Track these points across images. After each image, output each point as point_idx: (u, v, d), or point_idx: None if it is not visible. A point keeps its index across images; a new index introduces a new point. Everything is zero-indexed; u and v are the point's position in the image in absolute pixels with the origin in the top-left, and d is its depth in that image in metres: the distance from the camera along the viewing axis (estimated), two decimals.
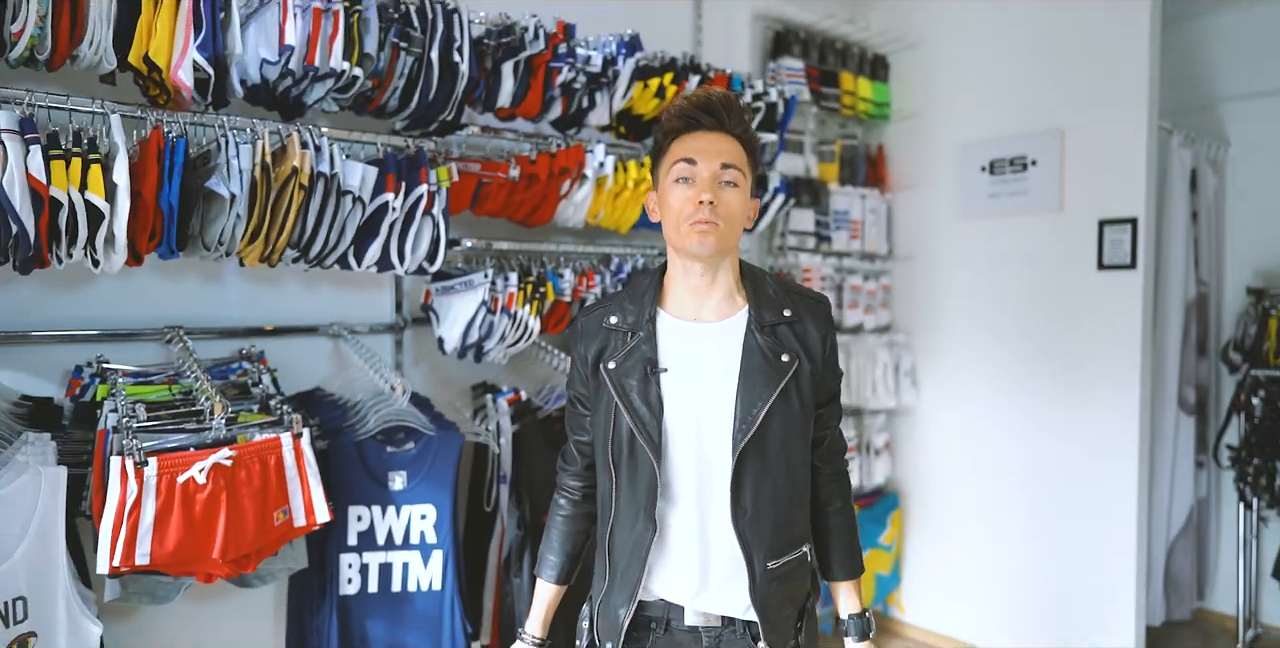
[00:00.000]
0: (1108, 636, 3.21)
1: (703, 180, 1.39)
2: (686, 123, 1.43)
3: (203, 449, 1.80)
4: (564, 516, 1.60)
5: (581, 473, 1.58)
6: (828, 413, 1.54)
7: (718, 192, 1.39)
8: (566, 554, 1.60)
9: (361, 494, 2.12)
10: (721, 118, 1.43)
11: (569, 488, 1.60)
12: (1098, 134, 3.21)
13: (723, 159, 1.40)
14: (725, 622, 1.46)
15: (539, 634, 1.60)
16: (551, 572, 1.60)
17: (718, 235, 1.39)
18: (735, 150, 1.43)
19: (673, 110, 1.45)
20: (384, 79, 2.06)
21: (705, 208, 1.38)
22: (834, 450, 1.57)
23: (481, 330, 2.29)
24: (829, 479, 1.57)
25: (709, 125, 1.43)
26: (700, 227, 1.38)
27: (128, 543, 1.69)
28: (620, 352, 1.45)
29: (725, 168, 1.40)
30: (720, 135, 1.43)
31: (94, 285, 2.07)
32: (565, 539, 1.60)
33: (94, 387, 1.96)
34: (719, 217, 1.38)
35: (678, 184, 1.41)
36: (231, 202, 1.78)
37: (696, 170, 1.40)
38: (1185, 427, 3.61)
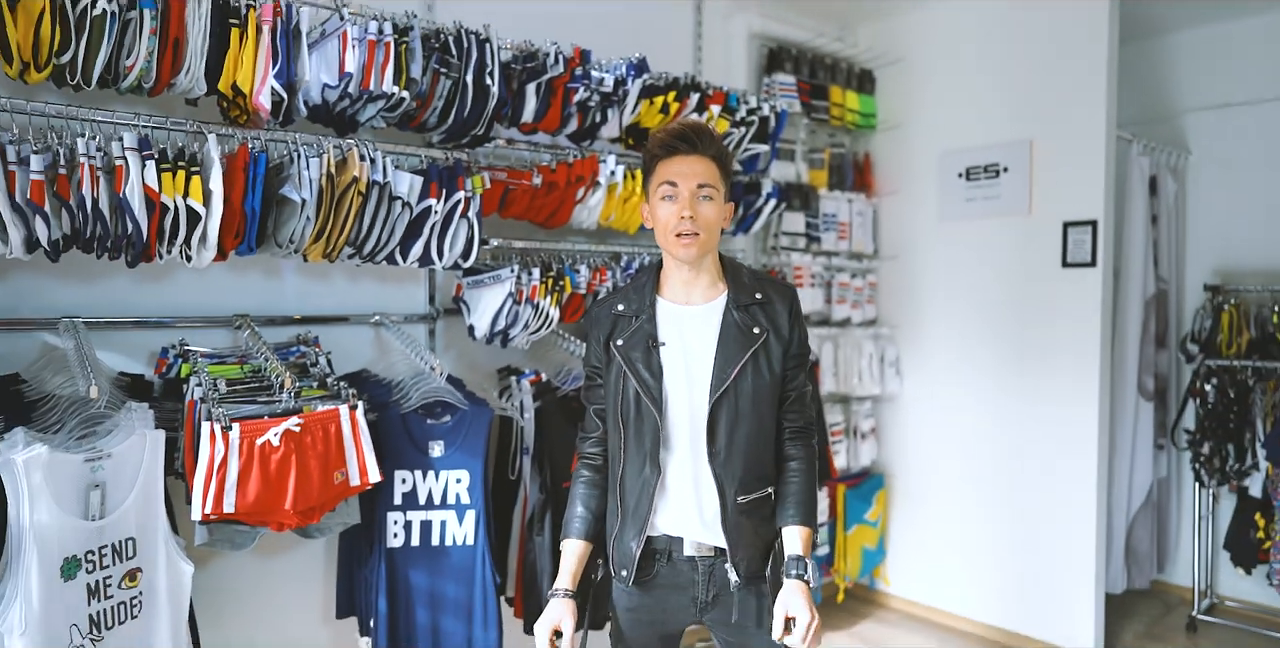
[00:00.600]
0: (1072, 601, 3.52)
1: (683, 198, 1.72)
2: (667, 150, 1.75)
3: (275, 417, 2.10)
4: (586, 480, 1.87)
5: (601, 439, 1.87)
6: (793, 376, 1.82)
7: (696, 206, 1.72)
8: (591, 512, 1.85)
9: (405, 460, 2.43)
10: (695, 143, 1.74)
11: (589, 455, 1.89)
12: (1062, 143, 3.53)
13: (698, 180, 1.72)
14: (717, 553, 1.77)
15: (570, 587, 1.80)
16: (579, 527, 1.83)
17: (699, 244, 1.72)
18: (709, 170, 1.74)
19: (656, 139, 1.78)
20: (426, 99, 2.38)
21: (686, 221, 1.71)
22: (799, 409, 1.84)
23: (508, 319, 2.61)
24: (792, 436, 1.83)
25: (685, 150, 1.74)
26: (684, 239, 1.71)
27: (217, 495, 2.00)
28: (627, 331, 1.77)
29: (701, 187, 1.72)
30: (696, 158, 1.74)
31: (174, 280, 2.39)
32: (589, 500, 1.86)
33: (178, 365, 2.27)
34: (699, 227, 1.71)
35: (664, 201, 1.74)
36: (302, 206, 2.10)
37: (678, 190, 1.73)
38: (1145, 412, 3.93)
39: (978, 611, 3.86)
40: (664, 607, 1.79)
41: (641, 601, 1.80)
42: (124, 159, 1.84)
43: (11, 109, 1.84)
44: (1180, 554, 4.24)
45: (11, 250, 1.81)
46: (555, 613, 1.77)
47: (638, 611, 1.80)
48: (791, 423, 1.84)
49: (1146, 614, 4.00)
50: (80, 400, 2.01)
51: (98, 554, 1.89)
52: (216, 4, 1.98)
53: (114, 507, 1.92)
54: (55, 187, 1.81)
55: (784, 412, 1.83)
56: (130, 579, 1.96)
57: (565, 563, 1.83)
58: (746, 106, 3.14)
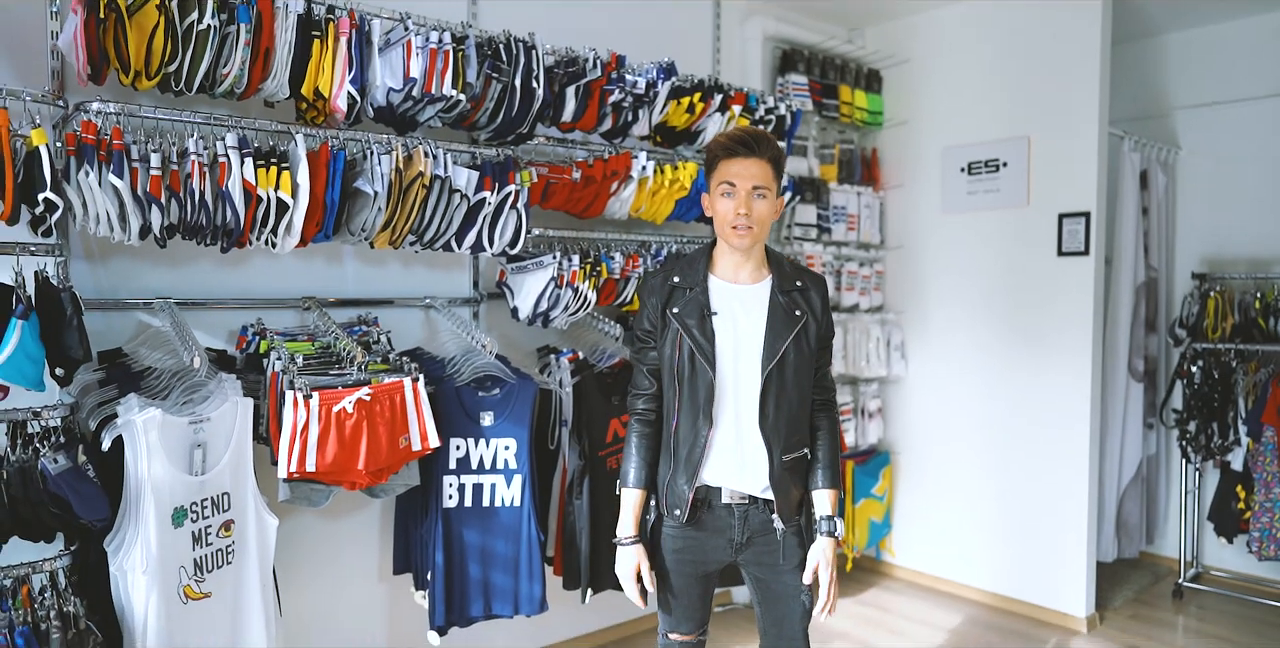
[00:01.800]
0: (1065, 568, 3.77)
1: (740, 197, 1.96)
2: (729, 152, 2.00)
3: (349, 387, 2.35)
4: (639, 434, 2.10)
5: (654, 395, 2.10)
6: (822, 359, 2.11)
7: (751, 204, 1.96)
8: (647, 464, 2.09)
9: (459, 428, 2.67)
10: (753, 148, 1.98)
11: (641, 411, 2.11)
12: (1057, 139, 3.77)
13: (754, 181, 1.97)
14: (750, 500, 2.02)
15: (636, 534, 2.06)
16: (636, 477, 2.07)
17: (752, 236, 1.98)
18: (763, 172, 1.98)
19: (721, 140, 2.02)
20: (479, 101, 2.62)
21: (742, 217, 1.96)
22: (825, 384, 2.14)
23: (550, 301, 2.85)
24: (820, 408, 2.12)
25: (745, 154, 1.98)
26: (740, 231, 1.97)
27: (300, 455, 2.24)
28: (682, 300, 2.02)
29: (755, 188, 1.97)
30: (753, 161, 1.98)
31: (249, 266, 2.63)
32: (646, 453, 2.09)
33: (256, 342, 2.51)
34: (752, 221, 1.96)
35: (723, 197, 1.99)
36: (375, 198, 2.35)
37: (736, 189, 1.97)
38: (1135, 392, 4.18)
39: (977, 579, 4.11)
40: (704, 547, 2.04)
41: (686, 543, 2.05)
42: (226, 157, 2.09)
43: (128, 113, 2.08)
44: (1168, 528, 4.49)
45: (129, 237, 2.06)
46: (633, 558, 2.04)
47: (682, 551, 2.05)
48: (819, 396, 2.11)
49: (1136, 582, 4.26)
50: (181, 371, 2.26)
51: (200, 506, 2.14)
52: (301, 18, 2.22)
53: (213, 464, 2.17)
54: (169, 181, 2.05)
55: (814, 386, 2.10)
56: (226, 529, 2.22)
57: (630, 512, 2.07)
58: (765, 106, 3.38)
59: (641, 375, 2.11)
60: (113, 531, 2.03)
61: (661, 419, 2.10)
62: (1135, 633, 3.72)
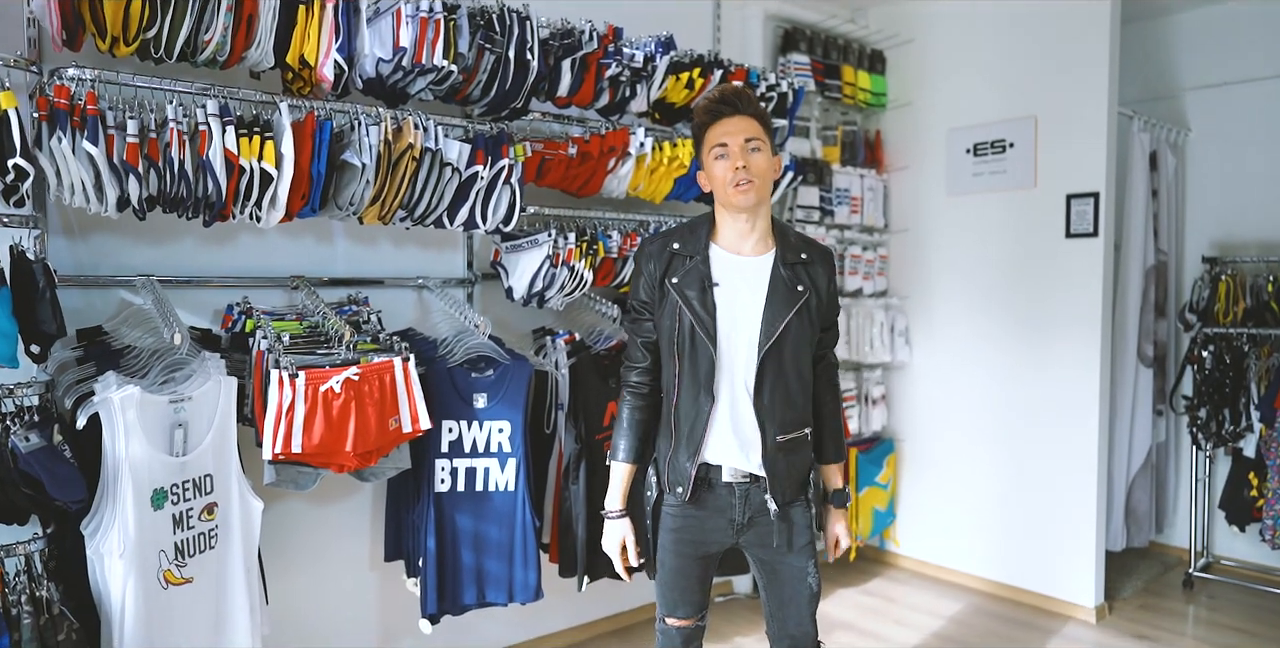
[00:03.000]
0: (1073, 558, 3.70)
1: (734, 153, 1.88)
2: (713, 115, 1.92)
3: (335, 367, 2.28)
4: (631, 407, 2.04)
5: (648, 368, 2.03)
6: (827, 337, 2.05)
7: (748, 157, 1.88)
8: (638, 438, 2.04)
9: (452, 410, 2.60)
10: (737, 105, 1.91)
11: (634, 384, 2.05)
12: (1065, 119, 3.68)
13: (745, 135, 1.89)
14: (752, 479, 1.95)
15: (623, 507, 2.03)
16: (626, 454, 2.02)
17: (755, 190, 1.88)
18: (753, 126, 1.91)
19: (701, 106, 1.94)
20: (471, 73, 2.54)
21: (741, 172, 1.87)
22: (828, 365, 2.10)
23: (545, 281, 2.78)
24: (824, 386, 2.09)
25: (729, 112, 1.91)
26: (741, 187, 1.87)
27: (285, 436, 2.17)
28: (682, 270, 1.93)
29: (748, 140, 1.89)
30: (740, 118, 1.90)
31: (236, 243, 2.56)
32: (636, 426, 2.04)
33: (242, 321, 2.44)
34: (752, 175, 1.87)
35: (718, 160, 1.91)
36: (363, 170, 2.27)
37: (729, 148, 1.89)
38: (1144, 378, 4.10)
39: (983, 568, 4.04)
40: (704, 527, 1.97)
41: (685, 522, 1.98)
42: (207, 125, 2.02)
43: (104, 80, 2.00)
44: (1178, 516, 4.41)
45: (106, 208, 1.98)
46: (620, 532, 2.02)
47: (681, 531, 1.97)
48: (824, 375, 2.07)
49: (1145, 572, 4.18)
50: (162, 349, 2.19)
51: (181, 488, 2.07)
52: None
53: (194, 445, 2.10)
54: (146, 149, 1.98)
55: (819, 366, 2.05)
56: (209, 512, 2.14)
57: (618, 485, 2.04)
58: (766, 83, 3.29)
59: (635, 347, 2.04)
60: (89, 513, 1.96)
61: (655, 393, 2.04)
62: (1145, 623, 3.64)
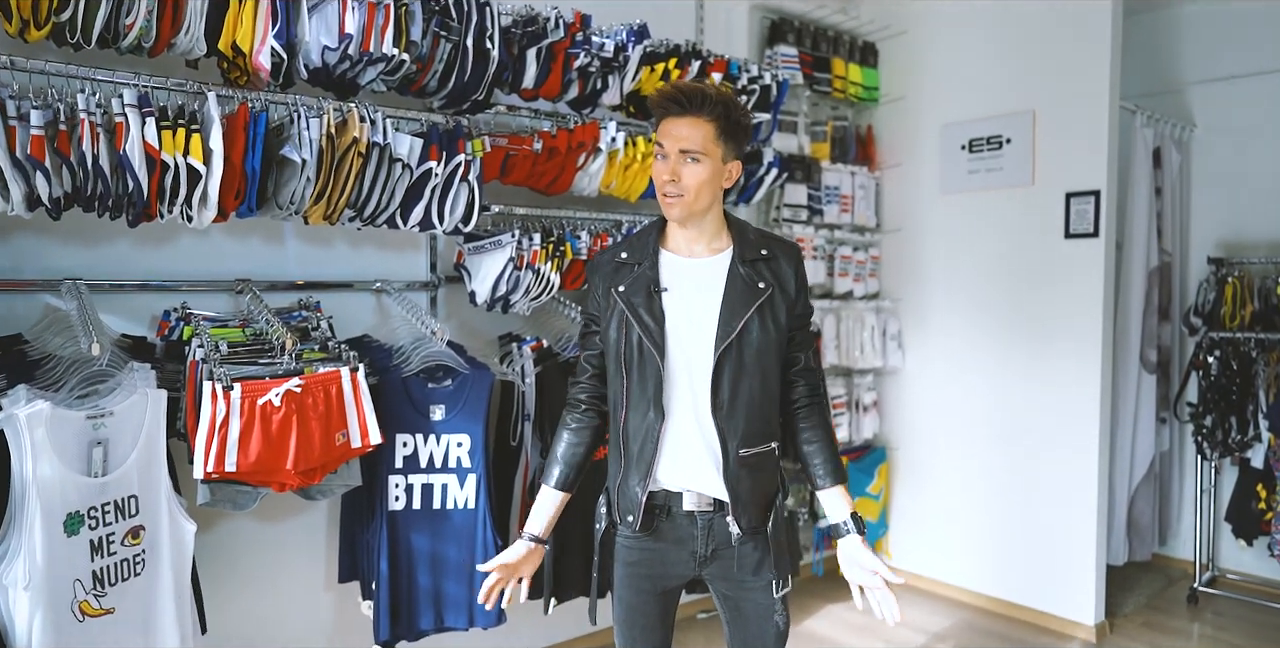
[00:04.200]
0: (1073, 572, 3.53)
1: (668, 162, 1.72)
2: (662, 111, 1.75)
3: (276, 378, 2.11)
4: (570, 428, 1.88)
5: (591, 385, 1.87)
6: (800, 338, 1.85)
7: (679, 169, 1.71)
8: (569, 463, 1.87)
9: (407, 423, 2.44)
10: (685, 105, 1.71)
11: (576, 401, 1.89)
12: (1065, 114, 3.51)
13: (681, 144, 1.70)
14: (716, 507, 1.77)
15: (540, 533, 1.85)
16: (554, 479, 1.86)
17: (682, 205, 1.72)
18: (695, 134, 1.70)
19: (652, 100, 1.77)
20: (426, 63, 2.37)
21: (669, 184, 1.71)
22: (808, 368, 1.87)
23: (509, 284, 2.61)
24: (805, 398, 1.85)
25: (677, 112, 1.72)
26: (668, 199, 1.72)
27: (219, 453, 2.01)
28: (629, 277, 1.78)
29: (684, 152, 1.71)
30: (687, 120, 1.71)
31: (176, 244, 2.40)
32: (569, 449, 1.87)
33: (180, 328, 2.28)
34: (681, 189, 1.71)
35: (658, 160, 1.75)
36: (303, 166, 2.11)
37: (666, 151, 1.73)
38: (1147, 384, 3.93)
39: (979, 583, 3.88)
40: (664, 561, 1.80)
41: (642, 555, 1.81)
42: (124, 116, 1.85)
43: (12, 67, 1.84)
44: (1182, 527, 4.24)
45: (13, 207, 1.82)
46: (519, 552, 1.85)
47: (638, 565, 1.81)
48: (803, 383, 1.86)
49: (1148, 587, 4.01)
50: (82, 359, 2.02)
51: (100, 511, 1.90)
52: None
53: (116, 464, 1.93)
54: (55, 143, 1.81)
55: (792, 378, 1.85)
56: (133, 537, 1.98)
57: (541, 508, 1.86)
58: (748, 75, 3.13)
59: (583, 361, 1.89)
60: None
61: (597, 410, 1.88)
62: (1148, 642, 3.47)
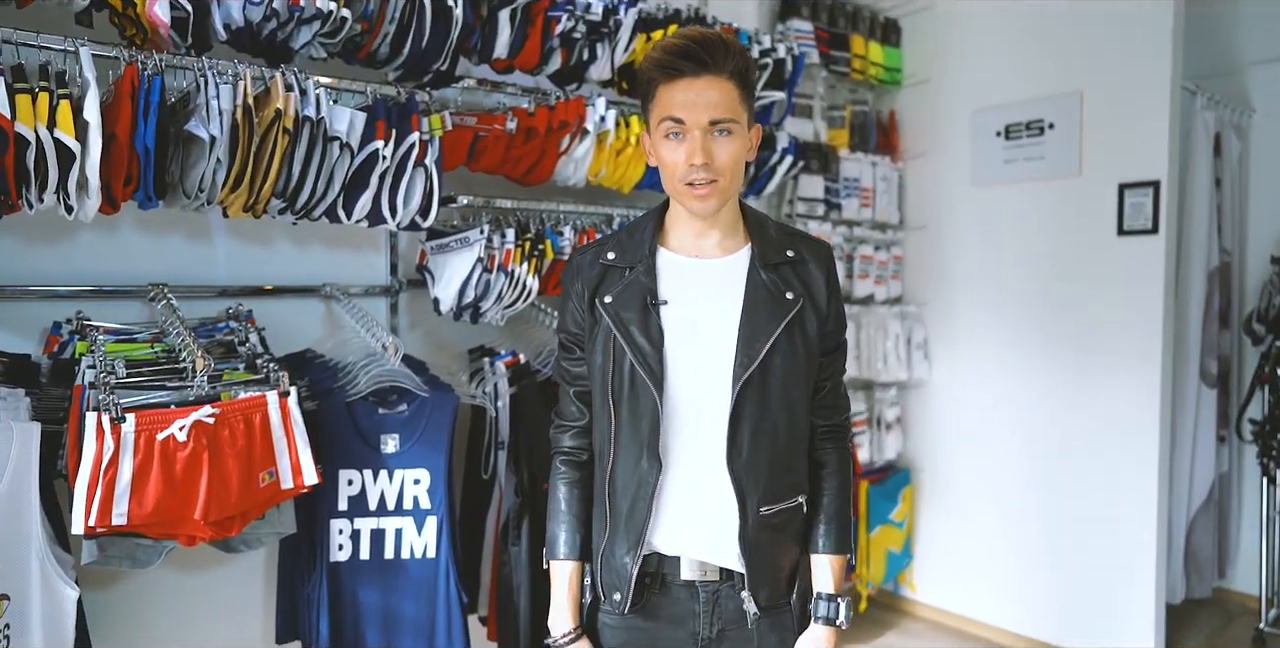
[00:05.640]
0: (1126, 614, 3.13)
1: (694, 140, 1.30)
2: (669, 72, 1.32)
3: (184, 406, 1.73)
4: (569, 481, 1.48)
5: (585, 429, 1.47)
6: (830, 362, 1.46)
7: (710, 147, 1.31)
8: (581, 522, 1.46)
9: (352, 457, 2.04)
10: (704, 62, 1.30)
11: (569, 450, 1.49)
12: (1118, 95, 3.11)
13: (710, 114, 1.30)
14: (723, 576, 1.38)
15: (572, 627, 1.43)
16: (565, 548, 1.45)
17: (718, 193, 1.33)
18: (724, 98, 1.31)
19: (653, 57, 1.33)
20: (374, 23, 1.97)
21: (699, 170, 1.30)
22: (834, 403, 1.49)
23: (478, 290, 2.21)
24: (825, 436, 1.48)
25: (693, 71, 1.30)
26: (700, 189, 1.31)
27: (104, 502, 1.62)
28: (618, 286, 1.38)
29: (715, 123, 1.30)
30: (707, 82, 1.30)
31: (74, 240, 2.00)
32: (572, 505, 1.47)
33: (73, 344, 1.88)
34: (716, 172, 1.31)
35: (668, 139, 1.33)
36: (211, 145, 1.70)
37: (686, 128, 1.31)
38: (1207, 400, 3.52)
39: (1016, 621, 3.48)
40: (656, 644, 1.41)
41: (629, 637, 1.41)
42: None
43: None
44: (1242, 558, 3.83)
45: None
46: None
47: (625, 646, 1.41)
48: (826, 419, 1.47)
49: (1206, 625, 3.59)
50: None
51: None
52: None
53: None
54: None
55: (818, 404, 1.46)
56: None
57: (561, 594, 1.45)
58: (760, 47, 2.73)
59: (569, 400, 1.49)
60: None
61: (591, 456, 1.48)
62: None
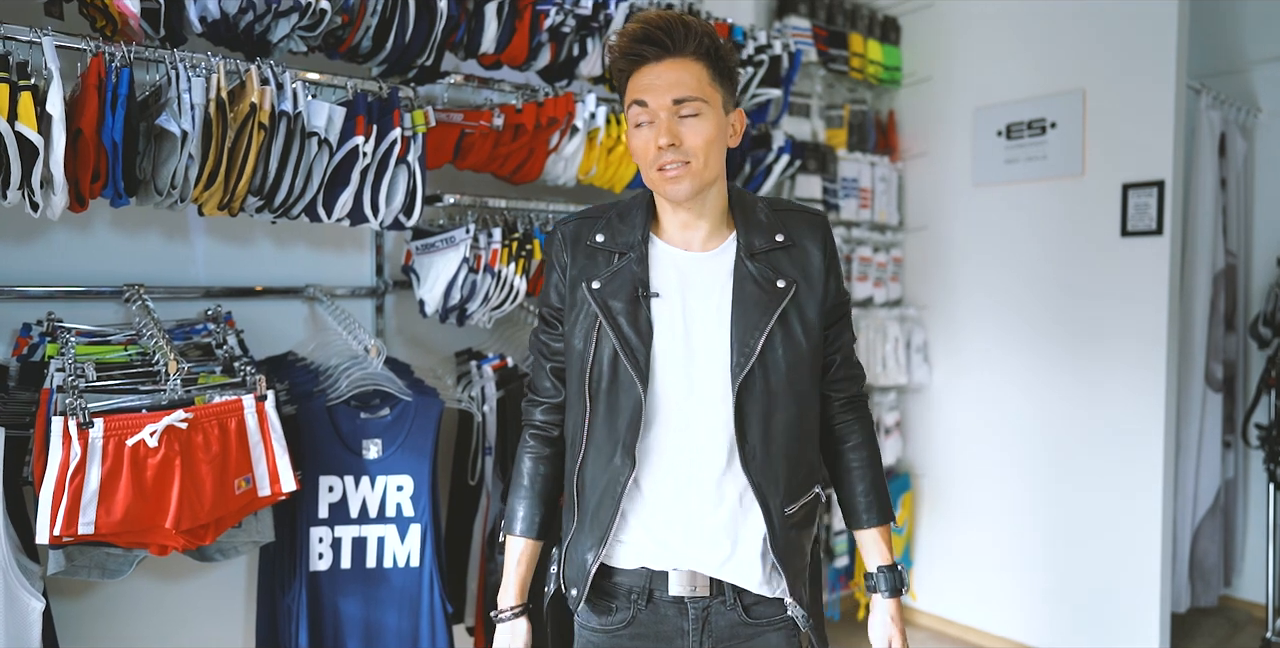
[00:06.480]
0: (1130, 623, 3.05)
1: (659, 122, 1.27)
2: (631, 61, 1.29)
3: (155, 411, 1.68)
4: (535, 456, 1.43)
5: (557, 405, 1.42)
6: (835, 334, 1.41)
7: (676, 129, 1.27)
8: (540, 500, 1.42)
9: (333, 463, 1.97)
10: (665, 44, 1.26)
11: (539, 423, 1.44)
12: (1122, 93, 3.04)
13: (673, 94, 1.26)
14: (714, 591, 1.32)
15: (516, 603, 1.40)
16: (523, 524, 1.41)
17: (690, 175, 1.28)
18: (688, 77, 1.27)
19: (614, 48, 1.30)
20: (355, 16, 1.92)
21: (667, 152, 1.26)
22: (847, 374, 1.44)
23: (464, 291, 2.15)
24: (843, 409, 1.44)
25: (656, 56, 1.27)
26: (670, 171, 1.27)
27: (70, 510, 1.56)
28: (607, 271, 1.33)
29: (679, 102, 1.26)
30: (671, 63, 1.27)
31: (46, 239, 1.94)
32: (535, 482, 1.43)
33: (43, 346, 1.83)
34: (685, 154, 1.27)
35: (637, 129, 1.30)
36: (183, 140, 1.64)
37: (651, 111, 1.28)
38: (1213, 404, 3.45)
39: (1017, 630, 3.40)
40: None
41: None
42: None
43: None
44: (1248, 565, 3.76)
45: None
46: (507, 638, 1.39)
47: None
48: (841, 392, 1.44)
49: (1212, 635, 3.52)
50: None
51: None
52: None
53: None
54: None
55: (830, 380, 1.42)
56: None
57: (511, 571, 1.42)
58: (755, 43, 2.67)
59: (544, 375, 1.43)
60: None
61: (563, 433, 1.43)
62: None
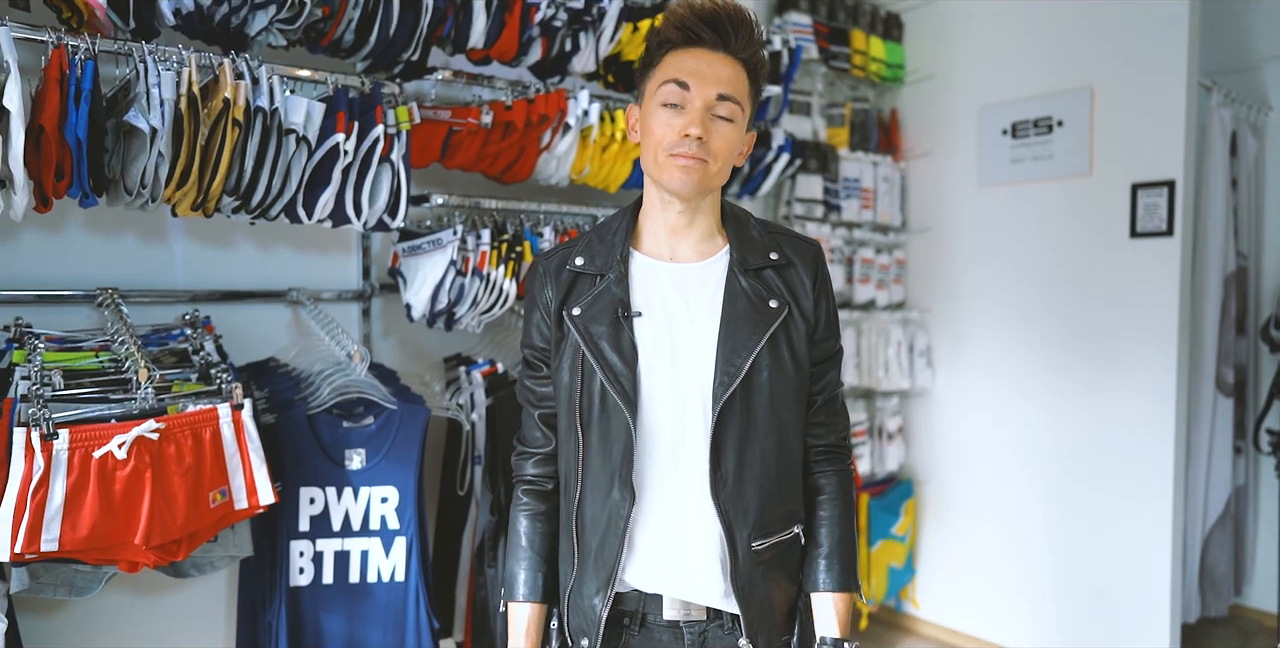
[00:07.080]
0: (1139, 633, 2.98)
1: (694, 111, 1.20)
2: (685, 36, 1.22)
3: (125, 421, 1.60)
4: (530, 513, 1.34)
5: (549, 455, 1.34)
6: (822, 371, 1.32)
7: (709, 126, 1.20)
8: (542, 559, 1.32)
9: (315, 474, 1.90)
10: (727, 36, 1.21)
11: (532, 478, 1.35)
12: (1131, 91, 2.96)
13: (720, 88, 1.20)
14: (711, 615, 1.24)
15: None
16: (525, 588, 1.31)
17: (703, 174, 1.21)
18: (737, 78, 1.22)
19: (671, 18, 1.23)
20: (337, 9, 1.84)
21: (693, 142, 1.19)
22: (828, 420, 1.33)
23: (451, 295, 2.07)
24: (822, 457, 1.33)
25: (710, 43, 1.21)
26: (684, 161, 1.19)
27: (32, 526, 1.49)
28: (587, 296, 1.25)
29: (722, 100, 1.21)
30: (722, 57, 1.22)
31: (15, 240, 1.86)
32: (534, 541, 1.33)
33: (9, 352, 1.75)
34: (708, 153, 1.20)
35: (665, 108, 1.22)
36: (152, 137, 1.56)
37: (688, 97, 1.20)
38: (1223, 409, 3.37)
39: (1023, 640, 3.33)
40: None
41: None
42: None
43: None
44: (1259, 574, 3.68)
45: None
46: None
47: None
48: (820, 439, 1.32)
49: (1222, 645, 3.44)
50: None
51: None
52: None
53: None
54: None
55: (810, 422, 1.31)
56: None
57: (519, 642, 1.30)
58: None
59: (533, 424, 1.34)
60: None
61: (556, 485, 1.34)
62: None
